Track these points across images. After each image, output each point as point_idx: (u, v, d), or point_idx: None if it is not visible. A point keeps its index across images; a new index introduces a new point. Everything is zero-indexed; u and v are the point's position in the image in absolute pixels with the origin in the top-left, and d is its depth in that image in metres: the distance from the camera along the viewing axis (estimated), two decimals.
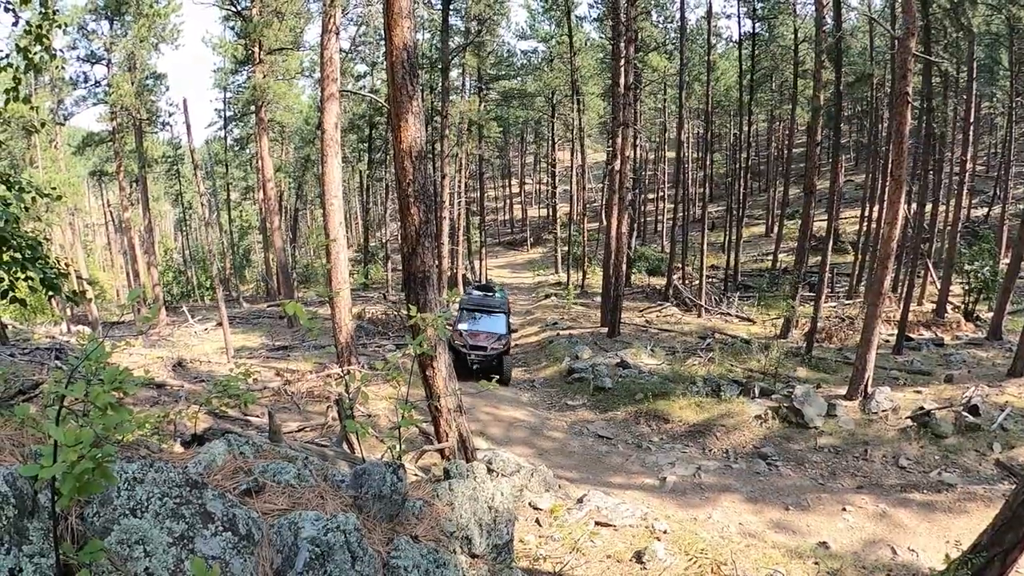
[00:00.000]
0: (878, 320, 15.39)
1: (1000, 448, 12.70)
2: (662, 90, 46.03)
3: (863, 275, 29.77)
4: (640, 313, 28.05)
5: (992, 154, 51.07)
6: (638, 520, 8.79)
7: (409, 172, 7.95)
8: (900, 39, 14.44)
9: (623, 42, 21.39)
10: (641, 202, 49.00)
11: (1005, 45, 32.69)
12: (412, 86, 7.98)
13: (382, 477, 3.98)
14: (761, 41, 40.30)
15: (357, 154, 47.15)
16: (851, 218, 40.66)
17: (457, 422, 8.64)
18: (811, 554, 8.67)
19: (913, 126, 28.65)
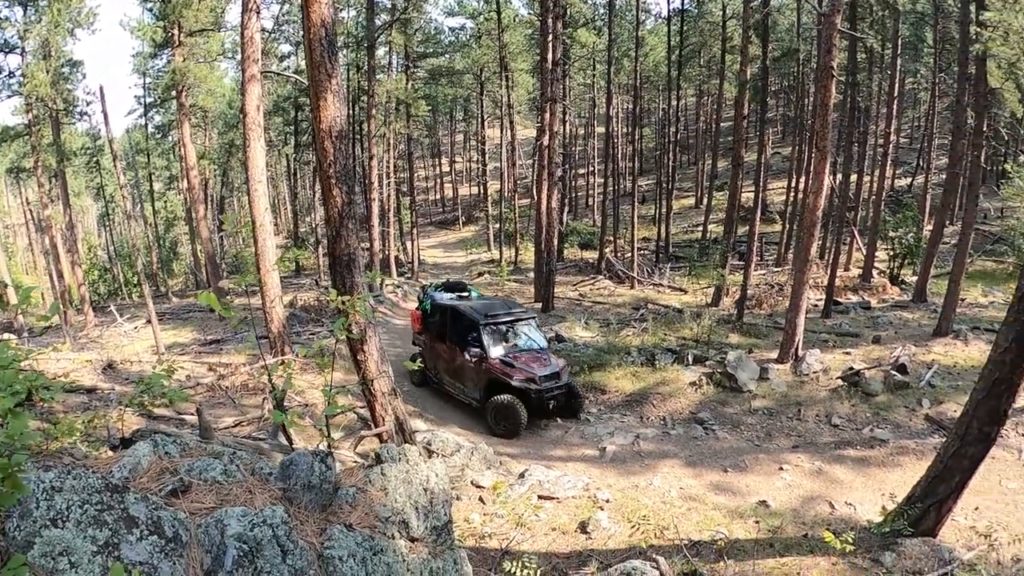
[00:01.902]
0: (806, 286, 15.79)
1: (929, 404, 13.22)
2: (591, 66, 46.17)
3: (791, 243, 30.52)
4: (574, 287, 28.26)
5: (915, 127, 52.98)
6: (580, 491, 8.87)
7: (330, 153, 7.75)
8: (826, 15, 14.69)
9: (551, 18, 21.32)
10: (572, 177, 49.26)
11: (930, 24, 33.65)
12: (331, 64, 7.76)
13: (310, 467, 3.86)
14: (690, 17, 40.76)
15: (283, 137, 45.96)
16: (779, 189, 41.69)
17: (393, 405, 8.52)
18: (751, 513, 8.86)
19: (838, 100, 29.50)
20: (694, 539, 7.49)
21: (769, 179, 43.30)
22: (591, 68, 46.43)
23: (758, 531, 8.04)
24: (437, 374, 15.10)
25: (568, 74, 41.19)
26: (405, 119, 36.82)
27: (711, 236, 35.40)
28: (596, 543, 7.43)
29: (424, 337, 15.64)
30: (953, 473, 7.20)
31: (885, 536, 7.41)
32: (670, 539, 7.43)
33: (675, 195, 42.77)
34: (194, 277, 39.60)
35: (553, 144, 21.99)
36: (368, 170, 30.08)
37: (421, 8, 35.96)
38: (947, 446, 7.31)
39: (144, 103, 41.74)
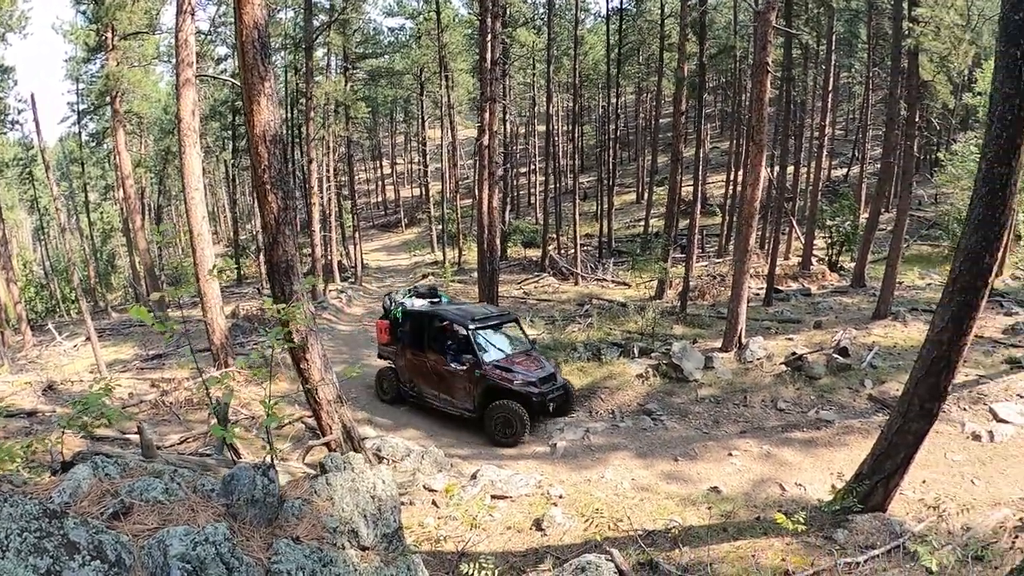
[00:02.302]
0: (746, 275, 16.06)
1: (872, 384, 13.58)
2: (531, 65, 46.29)
3: (731, 235, 31.10)
4: (518, 285, 28.32)
5: (850, 119, 54.63)
6: (533, 488, 8.87)
7: (264, 158, 7.59)
8: (761, 13, 14.96)
9: (490, 17, 21.24)
10: (513, 176, 49.32)
11: (864, 20, 34.86)
12: (264, 67, 7.61)
13: (252, 481, 3.76)
14: (628, 16, 41.20)
15: (221, 143, 44.87)
16: (718, 182, 42.43)
17: (339, 413, 8.40)
18: (703, 500, 8.96)
19: (774, 95, 30.19)
20: (648, 529, 7.55)
21: (708, 173, 44.12)
22: (531, 67, 46.58)
23: (711, 517, 8.15)
24: (415, 387, 14.03)
25: (508, 73, 41.19)
26: (344, 121, 36.39)
27: (653, 230, 35.83)
28: (552, 539, 7.44)
29: (395, 348, 14.41)
30: (898, 449, 7.42)
31: (836, 514, 7.59)
32: (624, 531, 7.48)
33: (616, 191, 43.19)
34: (133, 290, 38.39)
35: (493, 144, 21.94)
36: (308, 174, 29.59)
37: (360, 8, 35.57)
38: (891, 424, 7.53)
39: (77, 110, 40.26)
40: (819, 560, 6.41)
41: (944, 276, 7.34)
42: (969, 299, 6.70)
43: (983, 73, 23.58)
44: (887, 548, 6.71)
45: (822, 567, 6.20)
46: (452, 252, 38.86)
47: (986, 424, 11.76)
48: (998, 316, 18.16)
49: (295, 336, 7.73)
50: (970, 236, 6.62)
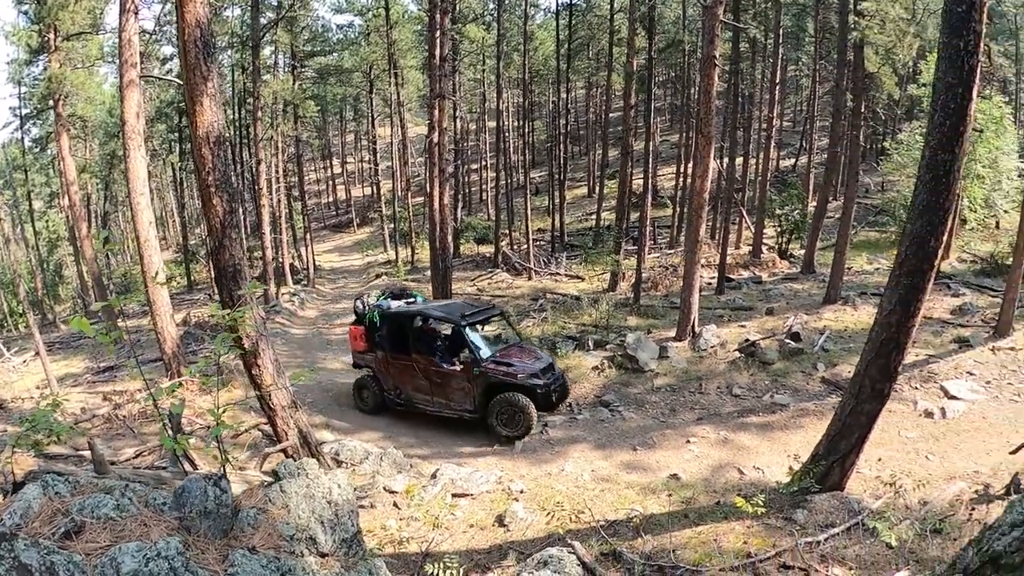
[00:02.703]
0: (698, 265, 16.33)
1: (824, 367, 13.89)
2: (481, 61, 46.24)
3: (682, 226, 31.41)
4: (472, 282, 28.27)
5: (798, 111, 55.68)
6: (494, 485, 8.86)
7: (208, 160, 7.42)
8: (709, 7, 15.22)
9: (439, 13, 21.13)
10: (465, 173, 49.24)
11: (811, 14, 35.63)
12: (207, 67, 7.43)
13: (204, 492, 3.67)
14: (578, 11, 41.40)
15: (168, 145, 43.73)
16: (668, 175, 42.81)
17: (294, 418, 8.27)
18: (664, 487, 9.03)
19: (723, 88, 30.62)
20: (610, 519, 7.58)
21: (659, 166, 44.52)
22: (481, 63, 46.53)
23: (672, 504, 8.22)
24: (402, 394, 13.24)
25: (458, 70, 41.10)
26: (293, 121, 35.84)
27: (605, 224, 36.08)
28: (515, 535, 7.42)
29: (375, 355, 13.50)
30: (852, 429, 7.56)
31: (795, 495, 7.70)
32: (586, 522, 7.50)
33: (568, 185, 43.41)
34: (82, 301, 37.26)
35: (443, 141, 21.87)
36: (256, 175, 29.07)
37: (308, 5, 34.97)
38: (844, 405, 7.68)
39: (20, 115, 38.72)
40: (780, 541, 6.50)
41: (891, 261, 7.51)
42: (916, 282, 6.87)
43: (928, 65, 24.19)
44: (846, 526, 6.83)
45: (783, 547, 6.29)
46: (405, 251, 38.60)
47: (938, 401, 12.14)
48: (946, 297, 18.75)
49: (245, 342, 7.59)
50: (915, 221, 6.80)
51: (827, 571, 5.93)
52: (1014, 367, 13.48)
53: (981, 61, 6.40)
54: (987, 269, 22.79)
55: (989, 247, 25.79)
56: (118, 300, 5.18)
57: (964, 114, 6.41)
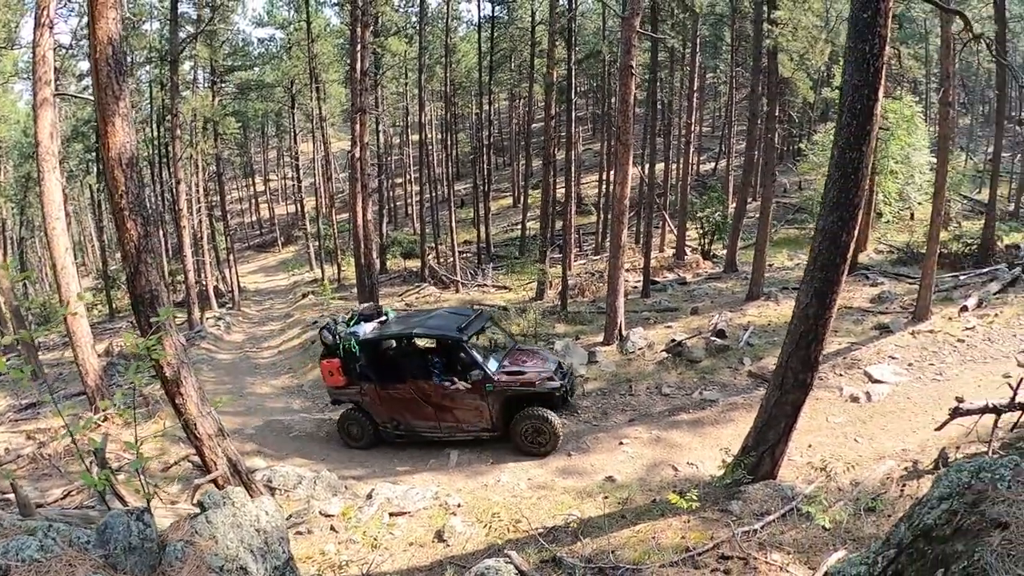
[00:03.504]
0: (622, 270, 16.53)
1: (750, 361, 14.23)
2: (403, 74, 46.00)
3: (607, 232, 31.93)
4: (399, 297, 27.93)
5: (717, 116, 57.51)
6: (431, 501, 8.79)
7: (121, 182, 7.16)
8: (626, 19, 15.48)
9: (360, 27, 20.99)
10: (389, 188, 48.90)
11: (727, 23, 36.82)
12: (119, 85, 7.19)
13: (127, 527, 3.54)
14: (501, 23, 41.73)
15: (85, 166, 41.82)
16: (592, 182, 43.44)
17: (222, 446, 8.02)
18: (600, 490, 9.12)
19: (643, 96, 31.27)
20: (548, 526, 7.62)
21: (583, 174, 45.21)
22: (404, 76, 46.28)
23: (609, 506, 8.31)
24: (400, 425, 12.06)
25: (380, 83, 40.85)
26: (213, 138, 34.97)
27: (530, 233, 36.35)
28: (455, 549, 7.39)
29: (359, 388, 12.11)
30: (779, 420, 7.76)
31: (729, 487, 7.87)
32: (524, 531, 7.52)
33: (493, 196, 43.59)
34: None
35: (365, 155, 21.66)
36: (176, 196, 28.12)
37: (228, 19, 34.26)
38: (769, 396, 7.90)
39: None
40: (718, 533, 6.62)
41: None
42: (830, 275, 7.14)
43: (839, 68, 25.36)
44: (781, 512, 7.01)
45: (721, 539, 6.40)
46: (331, 269, 37.99)
47: (863, 386, 12.61)
48: (865, 287, 19.54)
49: (166, 370, 7.35)
50: (827, 217, 7.06)
51: (766, 558, 6.06)
52: (934, 348, 14.16)
53: (891, 64, 6.72)
54: (903, 258, 23.92)
55: (904, 238, 27.22)
56: (28, 333, 4.96)
57: (870, 114, 6.71)
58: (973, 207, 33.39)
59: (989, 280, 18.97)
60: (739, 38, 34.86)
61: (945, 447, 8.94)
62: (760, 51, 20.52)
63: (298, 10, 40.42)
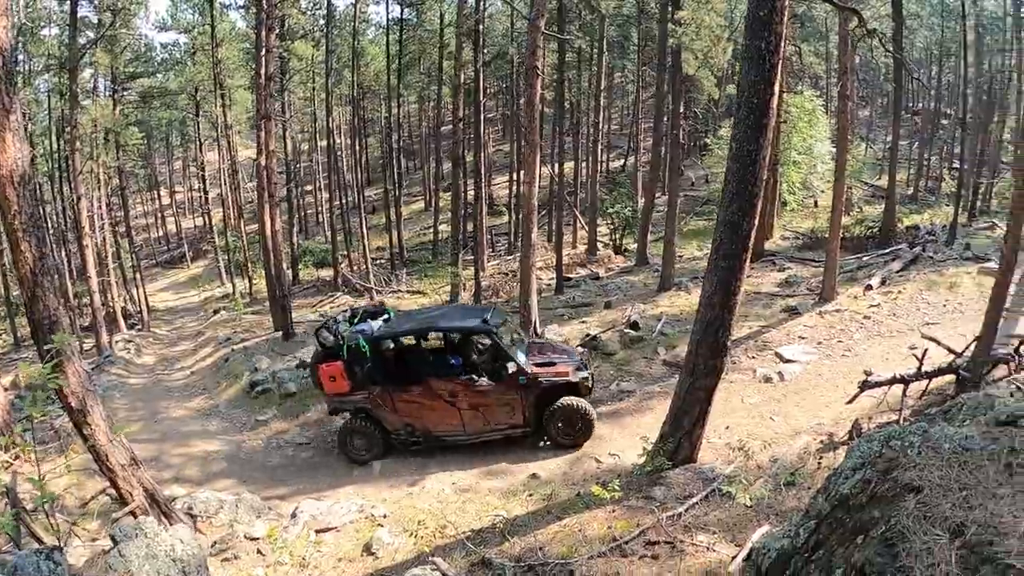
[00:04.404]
0: (534, 268, 16.71)
1: (664, 350, 14.54)
2: (311, 79, 45.05)
3: (519, 232, 32.19)
4: (313, 308, 27.37)
5: (625, 115, 58.36)
6: (356, 514, 8.70)
7: (14, 202, 6.78)
8: (531, 20, 15.58)
9: (265, 30, 20.45)
10: (299, 196, 47.83)
11: (634, 24, 37.52)
12: (9, 98, 6.78)
13: (36, 567, 3.40)
14: (409, 26, 41.25)
15: None
16: (503, 183, 43.62)
17: (137, 476, 7.68)
18: (524, 488, 9.23)
19: (552, 96, 31.61)
20: (476, 528, 7.66)
21: (493, 175, 45.46)
22: (311, 81, 45.32)
23: (534, 503, 8.41)
24: (416, 430, 11.29)
25: (287, 88, 39.94)
26: (115, 150, 33.34)
27: (443, 236, 36.26)
28: (384, 561, 7.35)
29: (367, 393, 11.25)
30: (693, 405, 8.02)
31: (650, 474, 8.07)
32: (452, 536, 7.52)
33: (404, 201, 43.44)
34: None
35: (271, 163, 21.09)
36: (78, 213, 26.70)
37: (130, 23, 32.54)
38: (682, 383, 8.16)
39: None
40: (643, 520, 6.76)
41: None
42: (733, 264, 7.41)
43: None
44: (704, 494, 7.25)
45: (647, 525, 6.54)
46: (243, 282, 36.83)
47: (775, 367, 13.15)
48: (772, 273, 20.32)
49: (71, 400, 6.98)
50: (727, 208, 7.34)
51: (692, 539, 6.22)
52: (841, 327, 14.92)
53: (793, 60, 7.02)
54: (809, 244, 24.99)
55: (809, 224, 28.50)
56: None
57: (767, 108, 6.99)
58: (874, 192, 35.19)
59: (891, 260, 20.08)
60: (645, 38, 35.60)
61: (858, 419, 9.39)
62: (665, 50, 21.09)
63: (202, 13, 38.93)
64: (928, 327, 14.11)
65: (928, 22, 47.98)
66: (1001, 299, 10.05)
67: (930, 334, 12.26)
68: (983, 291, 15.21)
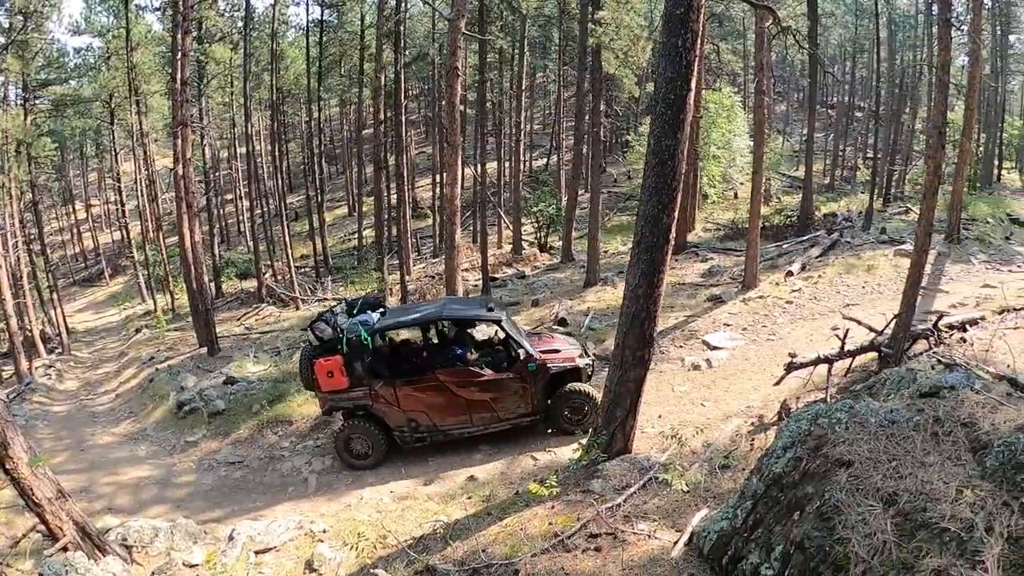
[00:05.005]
0: (459, 269, 16.69)
1: (593, 345, 14.60)
2: (229, 83, 43.87)
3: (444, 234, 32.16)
4: (238, 321, 26.60)
5: (547, 114, 58.93)
6: (295, 531, 8.52)
7: None
8: (452, 20, 15.55)
9: (181, 33, 19.81)
10: (220, 205, 46.69)
11: (555, 24, 38.02)
12: None
13: None
14: (330, 27, 40.48)
15: None
16: (426, 186, 43.63)
17: (65, 509, 7.30)
18: (463, 491, 9.24)
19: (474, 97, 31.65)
20: (417, 536, 7.59)
21: (416, 177, 45.42)
22: (229, 85, 44.09)
23: (474, 505, 8.38)
24: (420, 426, 10.90)
25: (205, 94, 38.74)
26: (27, 163, 31.69)
27: (368, 241, 35.89)
28: None
29: (368, 389, 10.77)
30: (624, 396, 8.10)
31: (587, 467, 8.13)
32: (393, 545, 7.42)
33: (328, 207, 42.88)
34: None
35: (189, 172, 20.45)
36: None
37: (42, 27, 30.91)
38: (611, 376, 8.24)
39: None
40: (583, 513, 6.78)
41: None
42: (655, 256, 7.55)
43: None
44: (641, 483, 7.34)
45: (587, 518, 6.56)
46: (165, 298, 35.54)
47: (703, 354, 13.53)
48: (696, 263, 20.86)
49: None
50: (647, 202, 7.48)
51: (633, 529, 6.29)
52: (764, 312, 15.48)
53: (711, 58, 7.19)
54: (730, 234, 25.86)
55: (730, 215, 29.55)
56: None
57: (683, 104, 7.16)
58: (792, 183, 36.60)
59: (810, 246, 20.88)
60: (567, 38, 35.95)
61: (786, 399, 9.70)
62: (586, 50, 21.36)
63: (117, 16, 37.28)
64: (849, 308, 14.78)
65: (843, 20, 50.64)
66: (917, 278, 10.57)
67: (851, 315, 12.84)
68: (900, 272, 15.98)
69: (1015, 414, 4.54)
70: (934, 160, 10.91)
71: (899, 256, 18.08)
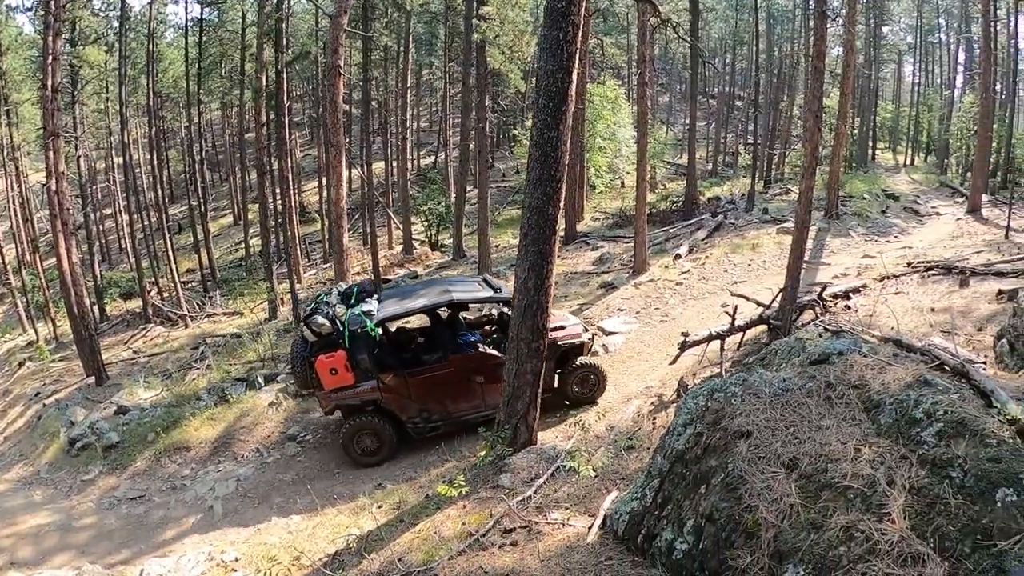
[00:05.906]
0: (349, 273, 16.59)
1: None
2: (105, 88, 41.32)
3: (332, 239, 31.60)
4: (126, 345, 24.90)
5: (434, 112, 58.41)
6: (206, 564, 8.16)
7: None
8: (333, 17, 15.29)
9: (52, 35, 18.45)
10: (98, 221, 44.09)
11: (441, 21, 37.94)
12: None
13: None
14: (210, 26, 38.69)
15: None
16: (313, 189, 42.32)
17: None
18: (372, 501, 9.05)
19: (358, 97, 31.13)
20: (331, 552, 7.41)
21: (303, 181, 44.17)
22: (105, 91, 41.48)
23: (385, 514, 8.26)
24: (432, 415, 10.55)
25: (79, 100, 36.31)
26: None
27: (256, 250, 34.77)
28: None
29: (376, 382, 10.25)
30: (523, 389, 8.14)
31: (494, 463, 8.10)
32: (308, 566, 7.23)
33: (212, 216, 41.26)
34: None
35: (63, 187, 19.15)
36: None
37: None
38: (508, 369, 8.26)
39: None
40: (495, 509, 6.77)
41: None
42: (542, 247, 7.64)
43: None
44: (549, 473, 7.38)
45: (500, 514, 6.55)
46: (46, 326, 33.15)
47: (599, 340, 13.74)
48: (587, 252, 21.30)
49: None
50: (532, 194, 7.57)
51: (546, 519, 6.33)
52: (656, 295, 15.95)
53: (595, 53, 7.30)
54: (618, 222, 26.58)
55: (618, 204, 30.47)
56: None
57: (565, 95, 7.27)
58: (677, 170, 37.96)
59: (696, 229, 21.67)
60: (452, 34, 35.94)
61: (683, 377, 10.01)
62: (471, 45, 21.45)
63: None
64: (736, 285, 15.38)
65: (723, 15, 52.91)
66: (800, 253, 11.14)
67: (739, 292, 13.36)
68: (783, 248, 16.78)
69: (903, 372, 4.81)
70: (811, 143, 11.55)
71: (782, 234, 18.93)
